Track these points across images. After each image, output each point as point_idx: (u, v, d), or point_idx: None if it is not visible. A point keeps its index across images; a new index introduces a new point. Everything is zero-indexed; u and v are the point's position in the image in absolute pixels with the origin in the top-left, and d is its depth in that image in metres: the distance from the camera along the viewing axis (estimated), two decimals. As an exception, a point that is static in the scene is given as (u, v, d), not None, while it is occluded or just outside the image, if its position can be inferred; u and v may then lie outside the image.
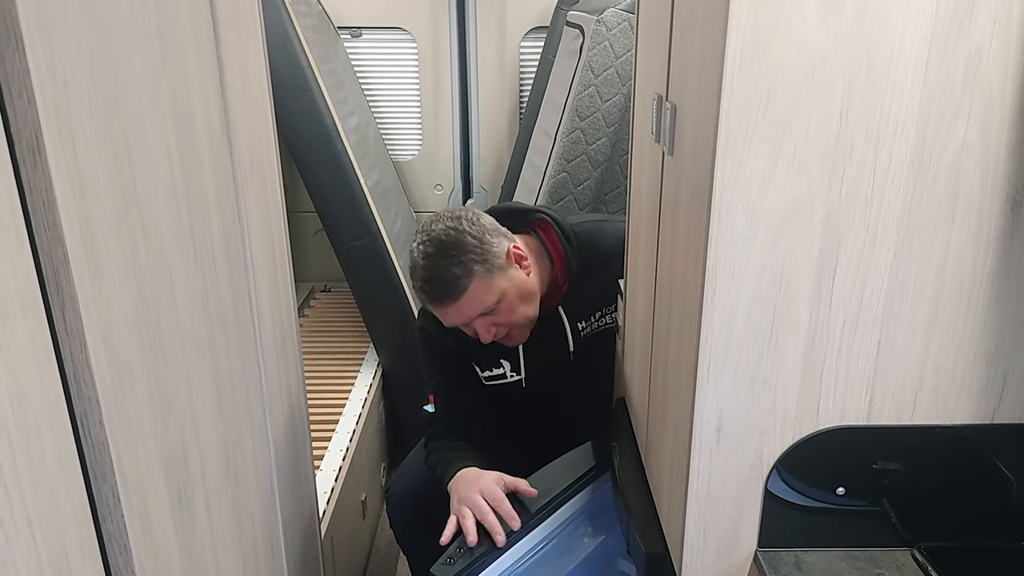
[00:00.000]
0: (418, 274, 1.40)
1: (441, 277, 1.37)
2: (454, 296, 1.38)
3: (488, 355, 1.58)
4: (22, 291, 0.51)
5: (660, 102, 1.03)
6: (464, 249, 1.38)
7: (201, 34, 0.85)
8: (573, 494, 1.36)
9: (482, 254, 1.39)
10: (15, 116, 0.49)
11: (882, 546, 0.89)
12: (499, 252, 1.41)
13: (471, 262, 1.37)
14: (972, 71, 0.72)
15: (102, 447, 0.60)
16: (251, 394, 1.01)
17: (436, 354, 1.60)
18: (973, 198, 0.76)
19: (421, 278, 1.40)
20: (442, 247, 1.38)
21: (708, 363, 0.83)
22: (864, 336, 0.81)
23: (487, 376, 1.61)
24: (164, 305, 0.73)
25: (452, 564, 1.22)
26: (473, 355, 1.59)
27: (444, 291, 1.38)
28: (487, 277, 1.39)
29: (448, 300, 1.39)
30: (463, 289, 1.37)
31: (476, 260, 1.38)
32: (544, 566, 1.29)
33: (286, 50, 2.17)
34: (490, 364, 1.59)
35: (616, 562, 1.42)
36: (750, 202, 0.76)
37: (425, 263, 1.39)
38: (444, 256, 1.38)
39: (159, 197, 0.71)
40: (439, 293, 1.39)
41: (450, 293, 1.38)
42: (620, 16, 2.13)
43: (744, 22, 0.70)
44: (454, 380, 1.61)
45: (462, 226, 1.40)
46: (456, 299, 1.38)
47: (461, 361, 1.60)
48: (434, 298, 1.40)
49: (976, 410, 0.83)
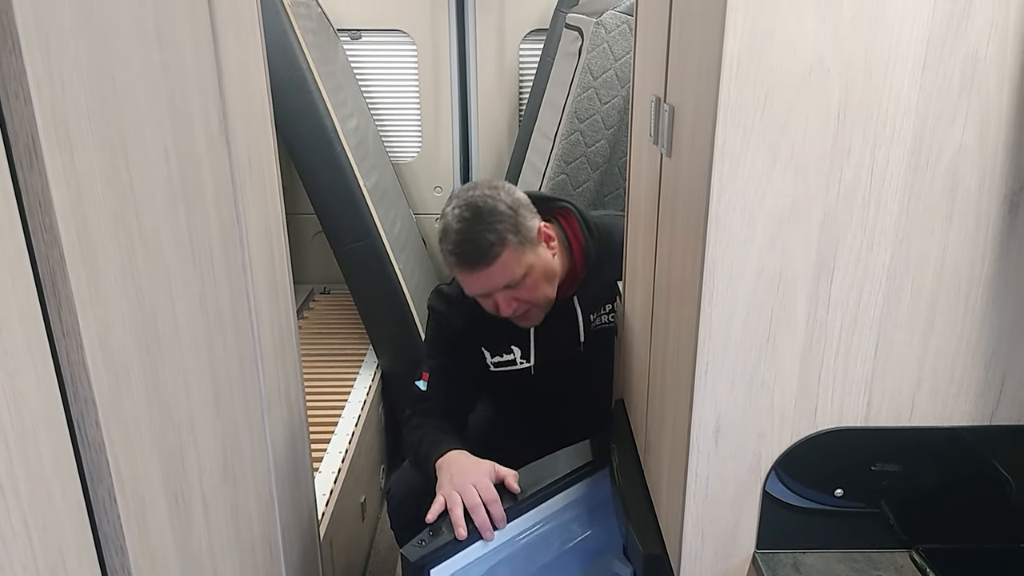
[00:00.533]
0: (451, 237, 1.41)
1: (475, 241, 1.38)
2: (486, 262, 1.38)
3: (499, 339, 1.58)
4: (18, 293, 0.51)
5: (658, 104, 1.03)
6: (500, 217, 1.39)
7: (199, 36, 0.85)
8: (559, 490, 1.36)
9: (516, 225, 1.40)
10: (11, 117, 0.49)
11: (880, 548, 0.89)
12: (531, 227, 1.43)
13: (505, 231, 1.39)
14: (969, 73, 0.72)
15: (98, 448, 0.60)
16: (249, 396, 1.01)
17: (444, 335, 1.59)
18: (971, 200, 0.76)
19: (454, 241, 1.40)
20: (479, 212, 1.40)
21: (706, 365, 0.83)
22: (862, 338, 0.81)
23: (496, 362, 1.61)
24: (161, 307, 0.73)
25: (422, 546, 1.22)
26: (484, 339, 1.59)
27: (477, 256, 1.38)
28: (519, 249, 1.40)
29: (479, 265, 1.39)
30: (495, 256, 1.38)
31: (510, 230, 1.39)
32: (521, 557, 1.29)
33: (285, 52, 2.17)
34: (501, 349, 1.59)
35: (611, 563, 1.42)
36: (748, 204, 0.76)
37: (460, 227, 1.39)
38: (480, 221, 1.39)
39: (157, 198, 0.71)
40: (471, 257, 1.39)
41: (483, 258, 1.38)
42: (619, 18, 2.13)
43: (741, 24, 0.70)
44: (456, 364, 1.60)
45: (499, 195, 1.42)
46: (487, 265, 1.39)
47: (469, 345, 1.60)
48: (464, 262, 1.40)
49: (974, 411, 0.83)
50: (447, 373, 1.58)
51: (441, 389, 1.58)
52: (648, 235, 1.12)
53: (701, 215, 0.78)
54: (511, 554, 1.29)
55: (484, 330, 1.55)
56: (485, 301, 1.46)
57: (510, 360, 1.60)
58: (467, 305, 1.53)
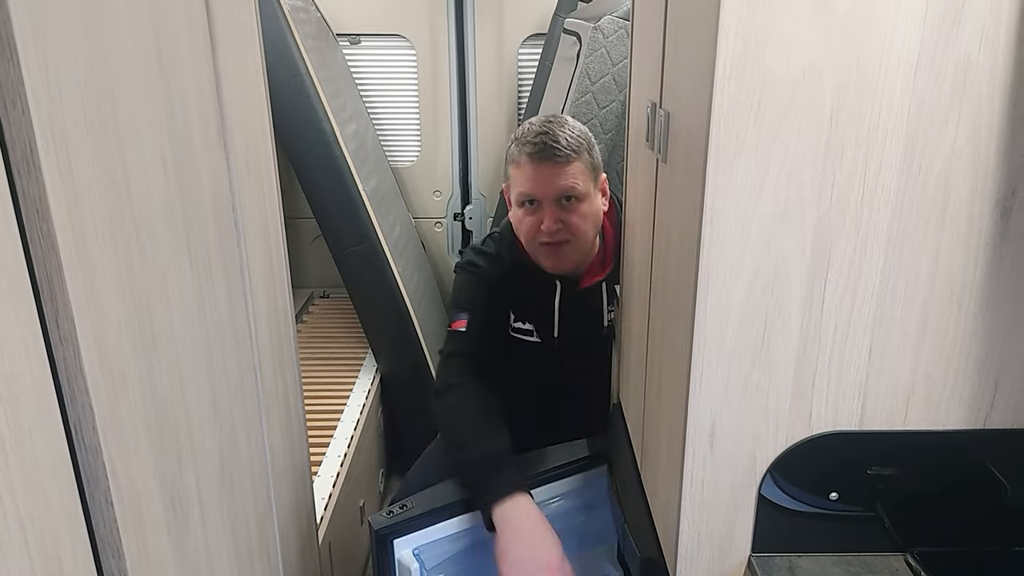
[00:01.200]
0: (532, 130, 1.46)
1: (555, 138, 1.43)
2: (560, 159, 1.42)
3: (526, 306, 1.60)
4: (15, 298, 0.51)
5: (654, 109, 1.03)
6: (581, 133, 1.48)
7: (197, 41, 0.85)
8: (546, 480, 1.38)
9: (591, 148, 1.48)
10: (9, 125, 0.50)
11: (876, 551, 0.89)
12: (599, 163, 1.51)
13: (582, 147, 1.46)
14: (961, 78, 0.72)
15: (95, 453, 0.61)
16: (247, 400, 1.02)
17: (481, 284, 1.59)
18: (963, 205, 0.76)
19: (535, 133, 1.45)
20: (566, 123, 1.48)
21: (701, 368, 0.83)
22: (855, 342, 0.81)
23: (516, 327, 1.63)
24: (159, 312, 0.73)
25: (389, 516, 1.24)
26: (513, 300, 1.61)
27: (554, 150, 1.42)
28: (588, 169, 1.46)
29: (552, 160, 1.42)
30: (569, 159, 1.43)
31: (586, 148, 1.47)
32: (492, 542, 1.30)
33: (284, 57, 2.17)
34: (524, 316, 1.61)
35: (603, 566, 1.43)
36: (741, 208, 0.77)
37: (544, 127, 1.45)
38: (564, 126, 1.46)
39: (154, 204, 0.72)
40: (548, 150, 1.42)
41: (558, 154, 1.42)
42: (617, 23, 2.14)
43: (734, 31, 0.71)
44: (489, 316, 1.60)
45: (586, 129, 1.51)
46: (560, 162, 1.42)
47: (500, 300, 1.60)
48: (540, 151, 1.43)
49: (968, 415, 0.84)
50: (484, 324, 1.58)
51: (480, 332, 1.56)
52: (644, 239, 1.13)
53: (695, 219, 0.79)
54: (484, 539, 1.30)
55: (515, 292, 1.57)
56: (532, 215, 1.47)
57: (528, 330, 1.62)
58: (504, 262, 1.57)
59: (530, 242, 1.50)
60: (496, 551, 1.24)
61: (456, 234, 3.05)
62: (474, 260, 1.61)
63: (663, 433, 0.99)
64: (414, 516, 1.26)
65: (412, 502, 1.29)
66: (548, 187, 1.44)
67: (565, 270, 1.54)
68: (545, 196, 1.44)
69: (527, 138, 1.45)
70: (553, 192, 1.44)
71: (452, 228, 3.05)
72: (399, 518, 1.25)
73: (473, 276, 1.60)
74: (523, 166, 1.45)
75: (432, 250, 3.08)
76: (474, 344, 1.54)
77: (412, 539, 1.27)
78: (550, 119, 1.48)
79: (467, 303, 1.59)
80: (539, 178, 1.44)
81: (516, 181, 1.48)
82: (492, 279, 1.58)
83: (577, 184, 1.44)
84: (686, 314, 0.84)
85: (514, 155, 1.47)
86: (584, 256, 1.54)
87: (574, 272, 1.56)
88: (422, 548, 1.28)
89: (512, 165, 1.48)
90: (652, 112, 1.04)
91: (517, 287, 1.56)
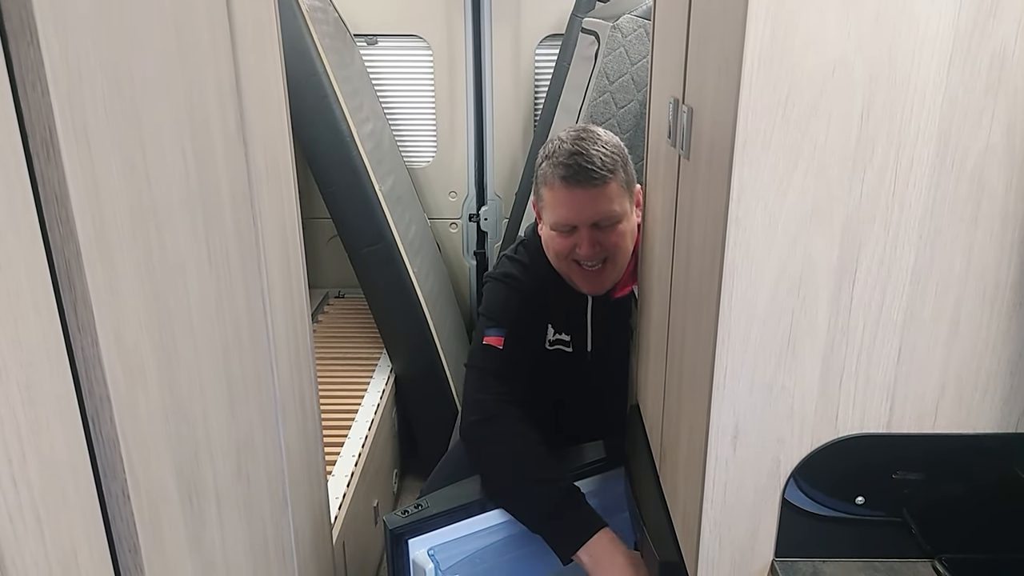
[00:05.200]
0: (563, 150, 1.36)
1: (590, 158, 1.34)
2: (596, 181, 1.34)
3: (562, 317, 1.54)
4: (33, 285, 0.50)
5: (677, 105, 1.02)
6: (615, 150, 1.38)
7: (217, 34, 0.85)
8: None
9: (625, 164, 1.40)
10: (29, 108, 0.49)
11: (902, 557, 0.87)
12: (633, 177, 1.42)
13: (617, 165, 1.37)
14: (996, 72, 0.71)
15: (112, 445, 0.60)
16: (264, 397, 1.01)
17: (517, 297, 1.51)
18: (997, 202, 0.74)
19: (566, 153, 1.35)
20: (598, 139, 1.38)
21: (725, 369, 0.81)
22: (884, 342, 0.80)
23: (553, 339, 1.56)
24: (177, 305, 0.72)
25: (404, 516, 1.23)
26: (551, 313, 1.54)
27: (589, 173, 1.34)
28: (623, 189, 1.39)
29: (586, 183, 1.34)
30: (606, 180, 1.35)
31: (621, 165, 1.38)
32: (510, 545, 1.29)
33: (302, 56, 2.18)
34: (561, 327, 1.55)
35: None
36: (768, 205, 0.75)
37: (576, 146, 1.36)
38: (596, 143, 1.37)
39: (173, 196, 0.71)
40: (583, 172, 1.34)
41: (594, 176, 1.34)
42: (636, 22, 2.12)
43: (763, 22, 0.69)
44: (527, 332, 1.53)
45: (618, 140, 1.43)
46: (594, 186, 1.35)
47: (537, 313, 1.54)
48: (573, 175, 1.34)
49: (999, 419, 0.82)
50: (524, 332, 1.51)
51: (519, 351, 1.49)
52: (665, 238, 1.11)
53: (720, 217, 0.77)
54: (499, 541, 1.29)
55: (552, 304, 1.51)
56: (567, 239, 1.40)
57: (566, 341, 1.56)
58: (540, 272, 1.50)
59: (561, 262, 1.44)
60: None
61: (471, 235, 3.04)
62: (509, 271, 1.54)
63: (684, 435, 0.97)
64: (429, 516, 1.25)
65: (427, 502, 1.28)
66: (584, 213, 1.37)
67: (603, 291, 1.49)
68: (582, 222, 1.38)
69: (559, 159, 1.36)
70: (590, 218, 1.37)
71: (467, 229, 3.04)
72: (414, 517, 1.25)
73: (508, 288, 1.53)
74: (557, 190, 1.37)
75: (447, 251, 3.07)
76: (514, 366, 1.47)
77: (427, 539, 1.26)
78: (581, 136, 1.38)
79: (503, 317, 1.50)
80: (575, 204, 1.37)
81: (550, 206, 1.40)
82: (527, 291, 1.51)
83: (614, 208, 1.37)
84: (709, 314, 0.82)
85: (547, 177, 1.39)
86: (620, 272, 1.48)
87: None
88: (437, 548, 1.27)
89: (545, 187, 1.40)
90: (675, 108, 1.03)
91: (554, 298, 1.50)
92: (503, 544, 1.29)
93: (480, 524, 1.31)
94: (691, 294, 0.94)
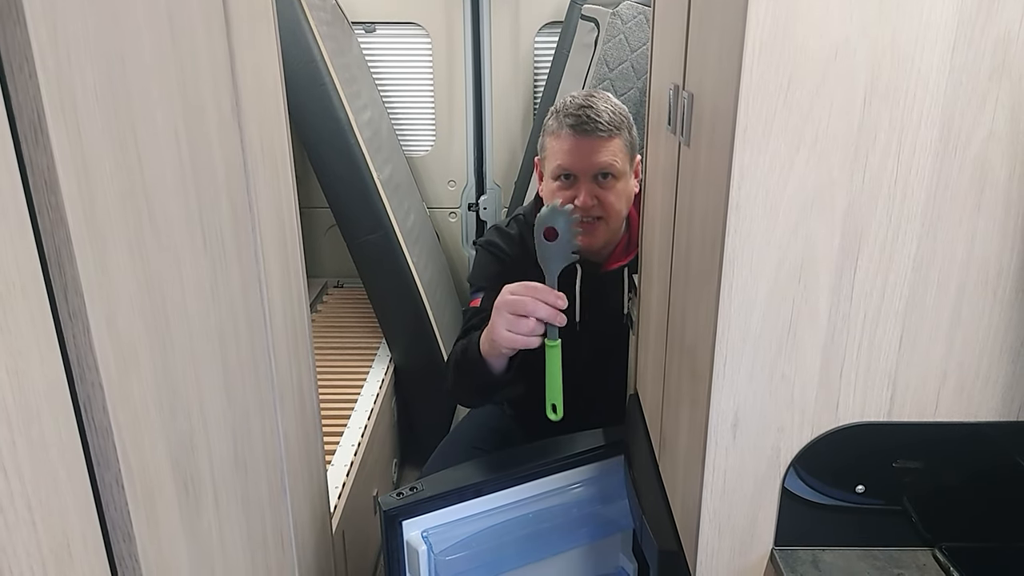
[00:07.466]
0: (574, 103, 1.42)
1: (598, 112, 1.40)
2: (602, 133, 1.39)
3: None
4: (23, 271, 0.50)
5: (677, 92, 1.01)
6: (622, 111, 1.45)
7: (212, 16, 0.84)
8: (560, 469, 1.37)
9: (630, 127, 1.45)
10: (16, 90, 0.48)
11: (902, 546, 0.87)
12: (637, 143, 1.47)
13: (623, 126, 1.43)
14: (1000, 57, 0.70)
15: (106, 433, 0.59)
16: (261, 385, 1.00)
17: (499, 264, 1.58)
18: (1000, 189, 0.73)
19: (576, 106, 1.42)
20: (608, 99, 1.45)
21: (724, 357, 0.81)
22: (886, 330, 0.79)
23: None
24: (171, 290, 0.71)
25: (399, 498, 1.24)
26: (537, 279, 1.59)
27: (596, 124, 1.39)
28: (626, 151, 1.44)
29: (594, 134, 1.40)
30: (611, 134, 1.41)
31: (626, 126, 1.44)
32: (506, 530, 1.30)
33: (299, 44, 2.16)
34: None
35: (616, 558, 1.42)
36: (769, 192, 0.74)
37: (587, 100, 1.42)
38: (608, 101, 1.43)
39: (166, 180, 0.70)
40: (590, 123, 1.39)
41: (600, 128, 1.39)
42: (635, 9, 2.11)
43: (764, 5, 0.68)
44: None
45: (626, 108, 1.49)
46: (601, 137, 1.40)
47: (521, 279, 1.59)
48: (582, 124, 1.40)
49: (1001, 407, 0.81)
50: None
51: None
52: (665, 226, 1.10)
53: (721, 204, 0.77)
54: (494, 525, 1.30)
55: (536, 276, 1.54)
56: (566, 190, 1.44)
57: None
58: (527, 244, 1.53)
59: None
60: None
61: (470, 224, 3.03)
62: (495, 240, 1.59)
63: (683, 424, 0.97)
64: (424, 498, 1.26)
65: (422, 485, 1.28)
66: (587, 162, 1.41)
67: (593, 248, 1.52)
68: (583, 171, 1.42)
69: (568, 110, 1.42)
70: (592, 167, 1.41)
71: (467, 218, 3.04)
72: (409, 499, 1.25)
73: (492, 256, 1.59)
74: (563, 138, 1.42)
75: (446, 240, 3.07)
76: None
77: (421, 521, 1.27)
78: (592, 93, 1.45)
79: (484, 282, 1.57)
80: (579, 151, 1.41)
81: (554, 153, 1.45)
82: (512, 260, 1.56)
83: (616, 161, 1.42)
84: (709, 302, 0.81)
85: (553, 127, 1.44)
86: (612, 237, 1.52)
87: (599, 255, 1.54)
88: (431, 531, 1.27)
89: (550, 136, 1.45)
90: (675, 94, 1.02)
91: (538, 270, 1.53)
92: (497, 529, 1.29)
93: (475, 508, 1.31)
94: (691, 282, 0.93)
